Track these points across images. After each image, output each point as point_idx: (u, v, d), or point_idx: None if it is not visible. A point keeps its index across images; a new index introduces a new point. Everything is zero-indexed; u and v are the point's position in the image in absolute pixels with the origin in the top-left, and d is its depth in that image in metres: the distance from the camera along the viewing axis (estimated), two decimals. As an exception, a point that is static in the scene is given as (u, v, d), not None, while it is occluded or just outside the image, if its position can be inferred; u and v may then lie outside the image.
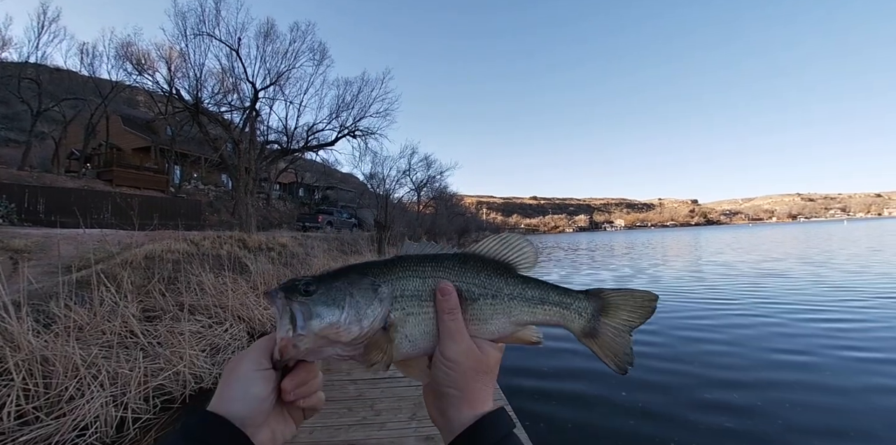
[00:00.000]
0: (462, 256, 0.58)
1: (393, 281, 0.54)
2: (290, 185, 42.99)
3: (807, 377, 4.97)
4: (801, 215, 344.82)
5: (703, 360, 5.66)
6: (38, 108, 25.42)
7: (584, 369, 5.32)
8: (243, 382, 0.49)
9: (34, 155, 27.10)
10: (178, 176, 30.97)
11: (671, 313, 8.41)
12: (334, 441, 3.05)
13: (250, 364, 0.50)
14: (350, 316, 0.51)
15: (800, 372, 5.13)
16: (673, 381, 4.96)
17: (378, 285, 0.53)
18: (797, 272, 13.76)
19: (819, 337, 6.48)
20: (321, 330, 0.49)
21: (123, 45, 19.39)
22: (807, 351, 5.85)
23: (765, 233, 59.99)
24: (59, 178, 23.27)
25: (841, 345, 6.04)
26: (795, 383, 4.80)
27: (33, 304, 5.12)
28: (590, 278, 14.77)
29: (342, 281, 0.53)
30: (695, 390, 4.69)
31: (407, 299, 0.54)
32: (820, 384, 4.74)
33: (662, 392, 4.66)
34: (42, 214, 16.15)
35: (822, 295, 9.66)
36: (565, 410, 4.30)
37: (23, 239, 7.93)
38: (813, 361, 5.48)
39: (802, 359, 5.56)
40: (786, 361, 5.53)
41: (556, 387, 4.94)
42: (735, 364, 5.50)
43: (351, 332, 0.50)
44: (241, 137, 18.07)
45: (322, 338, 0.50)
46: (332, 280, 0.53)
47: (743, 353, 5.91)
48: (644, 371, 5.26)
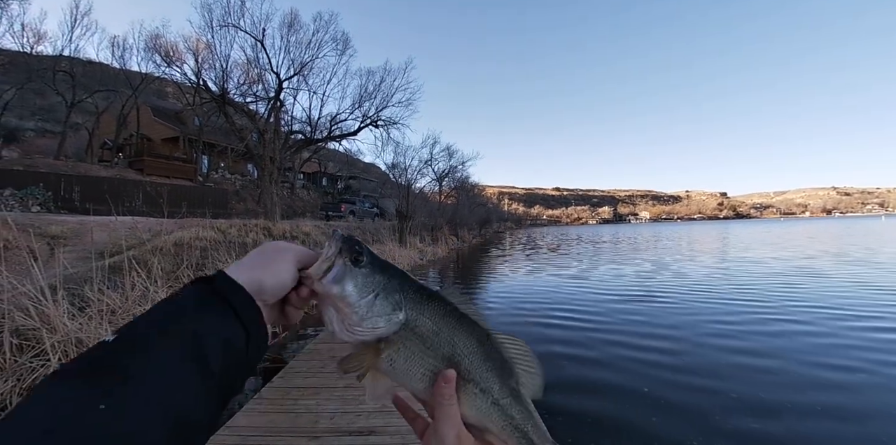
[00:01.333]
0: (486, 334, 0.56)
1: (415, 314, 0.53)
2: (314, 175, 43.51)
3: (864, 402, 4.04)
4: (836, 210, 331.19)
5: (733, 375, 4.79)
6: (72, 100, 26.27)
7: (585, 385, 4.63)
8: (284, 265, 0.53)
9: (69, 145, 28.06)
10: (206, 165, 31.67)
11: (696, 315, 7.58)
12: (353, 427, 3.09)
13: (293, 257, 0.54)
14: (362, 308, 0.51)
15: (854, 395, 4.20)
16: (694, 402, 4.16)
17: (400, 308, 0.53)
18: (837, 271, 12.55)
19: (872, 351, 5.46)
20: (335, 297, 0.52)
21: (152, 38, 19.81)
22: (861, 368, 4.88)
23: (797, 228, 56.72)
24: (92, 167, 24.06)
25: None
26: (849, 411, 3.89)
27: (69, 288, 5.32)
28: (611, 274, 14.50)
29: (382, 278, 0.54)
30: (723, 415, 3.86)
31: (413, 335, 0.53)
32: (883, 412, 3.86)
33: (681, 414, 3.91)
34: (77, 202, 16.76)
35: (869, 299, 8.52)
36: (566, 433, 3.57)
37: (59, 226, 8.24)
38: (871, 381, 4.52)
39: (857, 379, 4.58)
40: (835, 381, 4.56)
41: (558, 404, 4.15)
42: (773, 381, 4.61)
43: (351, 319, 0.51)
44: (266, 127, 18.33)
45: (331, 301, 0.52)
46: (378, 269, 0.54)
47: (782, 368, 4.97)
48: (660, 385, 4.54)
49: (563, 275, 13.70)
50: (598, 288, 10.72)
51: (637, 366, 5.11)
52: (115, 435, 0.33)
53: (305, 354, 4.92)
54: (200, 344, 0.42)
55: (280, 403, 3.53)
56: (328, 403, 3.52)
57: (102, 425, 0.33)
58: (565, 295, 9.91)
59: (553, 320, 7.47)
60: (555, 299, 9.52)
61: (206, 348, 0.42)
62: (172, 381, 0.38)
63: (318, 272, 0.52)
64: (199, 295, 0.46)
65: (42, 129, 35.99)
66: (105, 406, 0.34)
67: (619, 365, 5.18)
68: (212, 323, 0.44)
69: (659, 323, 7.03)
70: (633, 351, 5.65)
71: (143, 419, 0.35)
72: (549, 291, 10.67)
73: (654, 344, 5.92)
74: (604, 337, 6.41)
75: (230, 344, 0.45)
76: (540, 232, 75.98)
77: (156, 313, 0.44)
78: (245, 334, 0.46)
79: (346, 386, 3.88)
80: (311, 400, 3.58)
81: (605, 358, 5.44)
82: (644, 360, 5.30)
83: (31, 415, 0.33)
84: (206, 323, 0.44)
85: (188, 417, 0.38)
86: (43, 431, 0.31)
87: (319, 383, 4.00)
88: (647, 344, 5.96)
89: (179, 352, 0.40)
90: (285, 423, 3.17)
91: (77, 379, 0.36)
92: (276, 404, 3.52)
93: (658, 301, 8.85)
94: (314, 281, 0.53)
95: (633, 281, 11.97)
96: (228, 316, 0.46)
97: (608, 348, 5.84)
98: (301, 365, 4.52)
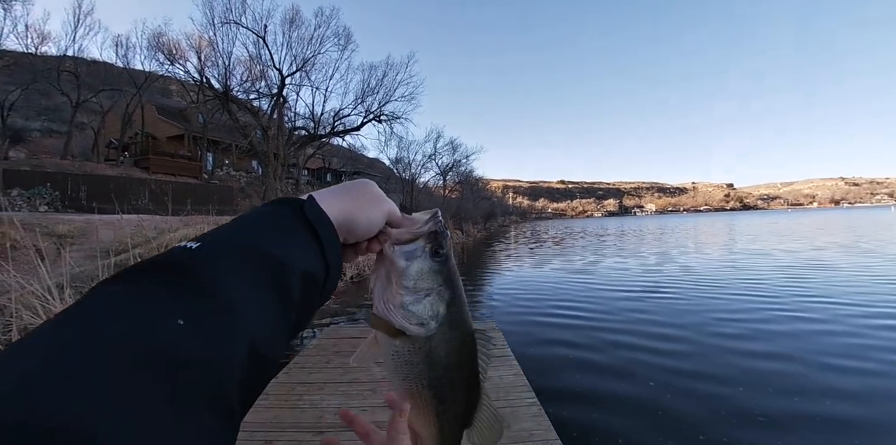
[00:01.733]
0: (477, 395, 0.59)
1: (441, 334, 0.53)
2: (318, 171, 43.53)
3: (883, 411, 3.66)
4: (845, 200, 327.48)
5: (744, 379, 4.43)
6: (77, 100, 26.40)
7: (587, 389, 4.42)
8: (378, 212, 0.51)
9: (75, 144, 28.24)
10: (211, 162, 31.80)
11: (702, 313, 7.20)
12: (358, 422, 3.10)
13: (387, 208, 0.53)
14: (408, 296, 0.51)
15: (882, 403, 3.80)
16: (701, 408, 3.85)
17: (435, 320, 0.53)
18: (849, 264, 12.00)
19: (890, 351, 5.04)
20: (396, 270, 0.51)
21: (155, 36, 19.88)
22: (887, 372, 4.46)
23: (806, 219, 56.08)
24: (99, 166, 24.23)
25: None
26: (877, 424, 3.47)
27: (76, 286, 5.38)
28: (616, 267, 14.45)
29: (443, 284, 0.53)
30: (730, 426, 3.55)
31: (424, 350, 0.53)
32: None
33: (686, 423, 3.66)
34: (84, 201, 16.89)
35: (888, 294, 8.03)
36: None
37: (66, 225, 8.32)
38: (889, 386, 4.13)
39: (886, 385, 4.20)
40: (857, 387, 4.10)
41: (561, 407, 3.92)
42: (787, 386, 4.21)
43: (394, 298, 0.51)
44: (270, 124, 18.37)
45: (391, 270, 0.52)
46: (446, 273, 0.54)
47: (796, 372, 4.55)
48: (664, 390, 4.24)
49: (568, 270, 13.71)
50: (602, 283, 10.65)
51: (642, 368, 4.90)
52: (188, 359, 0.28)
53: (310, 350, 4.94)
54: (284, 270, 0.39)
55: (285, 398, 3.56)
56: (333, 398, 3.54)
57: (178, 344, 0.28)
58: (568, 291, 9.89)
59: (555, 318, 7.33)
60: (558, 295, 9.50)
61: (289, 278, 0.39)
62: (253, 304, 0.35)
63: (400, 238, 0.52)
64: (289, 222, 0.44)
65: (48, 129, 36.22)
66: (184, 323, 0.29)
67: (624, 367, 4.96)
68: (298, 254, 0.41)
69: (664, 322, 6.80)
70: (638, 352, 5.43)
71: (224, 345, 0.31)
72: (552, 286, 10.69)
73: (659, 345, 5.70)
74: (608, 336, 6.22)
75: (311, 277, 0.42)
76: (544, 225, 75.89)
77: (241, 227, 0.41)
78: (325, 271, 0.44)
79: (351, 382, 3.90)
80: (315, 396, 3.60)
81: (609, 360, 5.23)
82: (649, 362, 5.07)
83: (92, 324, 0.27)
84: (292, 250, 0.41)
85: (265, 343, 0.35)
86: (106, 346, 0.25)
87: (324, 378, 4.02)
88: (652, 344, 5.73)
89: (264, 274, 0.37)
90: (290, 418, 3.19)
91: (155, 286, 0.31)
92: (280, 399, 3.54)
93: (663, 297, 8.66)
94: (390, 243, 0.52)
95: (638, 275, 11.89)
96: (314, 250, 0.43)
97: (612, 348, 5.64)
98: (306, 361, 4.54)
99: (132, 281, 0.31)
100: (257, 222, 0.42)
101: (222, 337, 0.31)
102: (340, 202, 0.49)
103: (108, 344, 0.25)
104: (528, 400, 3.35)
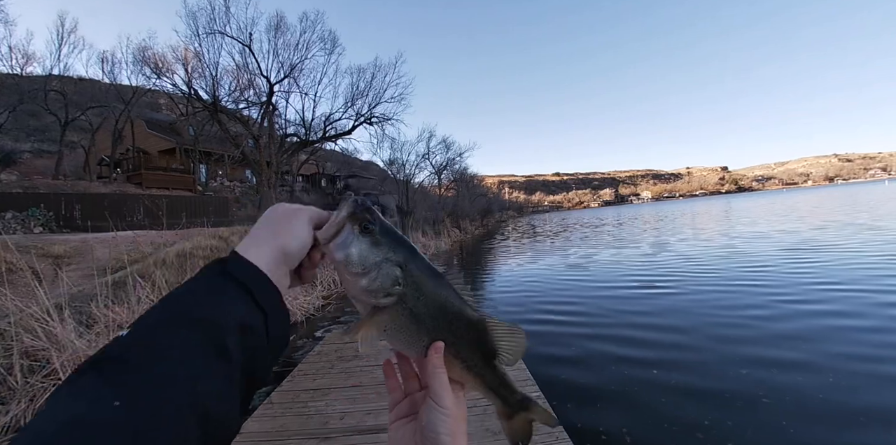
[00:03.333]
0: (477, 319, 0.58)
1: (413, 291, 0.54)
2: (313, 176, 43.48)
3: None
4: (839, 177, 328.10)
5: (765, 398, 3.65)
6: (65, 119, 26.33)
7: (580, 390, 4.16)
8: (300, 226, 0.52)
9: (66, 163, 28.16)
10: (204, 174, 31.72)
11: (706, 311, 6.32)
12: (363, 425, 3.12)
13: (307, 216, 0.53)
14: (362, 278, 0.52)
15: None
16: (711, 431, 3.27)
17: (399, 283, 0.53)
18: (857, 243, 11.16)
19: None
20: (338, 263, 0.52)
21: (140, 50, 19.67)
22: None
23: (801, 198, 55.63)
24: (91, 185, 24.16)
25: None
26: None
27: (75, 306, 5.37)
28: (611, 259, 14.44)
29: (388, 251, 0.53)
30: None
31: (407, 310, 0.54)
32: None
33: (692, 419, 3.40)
34: (79, 220, 16.83)
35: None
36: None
37: (62, 246, 8.30)
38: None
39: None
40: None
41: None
42: (816, 405, 3.46)
43: (353, 286, 0.52)
44: (261, 132, 18.31)
45: (335, 266, 0.53)
46: (385, 241, 0.54)
47: (825, 385, 3.76)
48: (663, 402, 3.80)
49: (563, 265, 13.66)
50: (596, 277, 10.51)
51: (641, 365, 4.66)
52: (135, 433, 0.30)
53: (313, 356, 4.95)
54: (215, 329, 0.39)
55: (290, 406, 3.57)
56: (337, 403, 3.55)
57: (120, 422, 0.30)
58: (562, 286, 9.86)
59: (554, 315, 7.15)
60: (552, 289, 9.50)
61: (222, 333, 0.39)
62: (189, 370, 0.36)
63: (326, 235, 0.52)
64: (212, 279, 0.44)
65: (38, 150, 36.06)
66: (119, 403, 0.31)
67: (617, 372, 4.60)
68: (226, 307, 0.41)
69: (660, 324, 6.08)
70: (634, 349, 5.18)
71: (163, 414, 0.32)
72: (549, 280, 10.71)
73: (659, 337, 5.49)
74: (602, 331, 6.01)
75: (248, 327, 0.42)
76: (542, 218, 75.85)
77: (168, 302, 0.41)
78: (263, 316, 0.44)
79: (355, 386, 3.91)
80: (320, 402, 3.61)
81: (603, 362, 4.90)
82: (643, 360, 4.81)
83: (50, 413, 0.30)
84: (220, 308, 0.41)
85: (213, 408, 0.36)
86: (56, 428, 0.29)
87: (328, 384, 4.03)
88: (648, 339, 5.49)
89: (194, 339, 0.38)
90: (295, 426, 3.21)
91: (90, 376, 0.33)
92: (285, 407, 3.55)
93: (660, 290, 8.12)
94: (323, 243, 0.53)
95: (634, 266, 11.65)
96: (244, 299, 0.43)
97: (605, 346, 5.41)
98: (309, 368, 4.55)
99: (70, 382, 0.33)
100: (185, 292, 0.43)
101: (162, 408, 0.32)
102: (263, 238, 0.50)
103: (60, 426, 0.29)
104: (532, 394, 3.35)
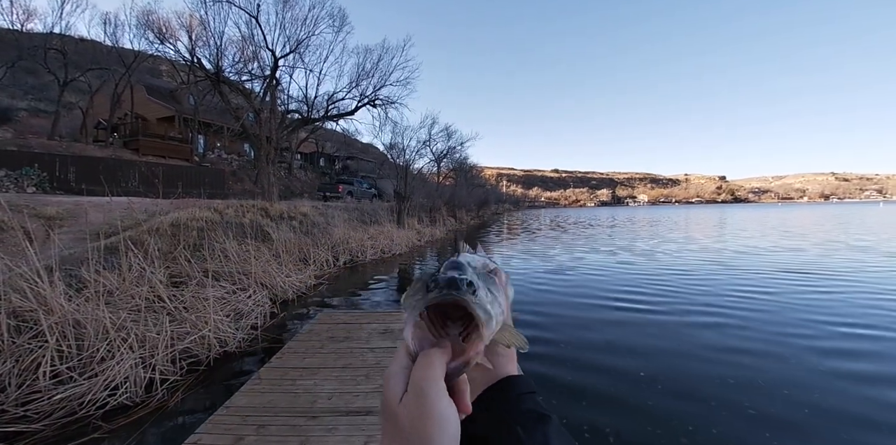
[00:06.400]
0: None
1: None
2: (311, 155, 43.12)
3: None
4: (835, 195, 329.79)
5: (751, 410, 3.54)
6: (64, 79, 25.72)
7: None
8: (447, 421, 0.38)
9: (63, 125, 27.62)
10: (202, 145, 31.30)
11: (701, 336, 5.46)
12: (351, 407, 3.12)
13: (443, 393, 0.39)
14: (499, 315, 0.48)
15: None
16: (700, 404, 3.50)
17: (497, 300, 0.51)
18: (875, 265, 10.52)
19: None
20: (482, 352, 0.45)
21: (144, 14, 19.19)
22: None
23: (797, 213, 55.67)
24: (87, 148, 23.78)
25: None
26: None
27: (65, 269, 5.31)
28: (607, 262, 14.49)
29: (498, 296, 0.51)
30: None
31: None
32: None
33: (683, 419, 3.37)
34: (73, 183, 16.61)
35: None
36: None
37: (55, 207, 8.16)
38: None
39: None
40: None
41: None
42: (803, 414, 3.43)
43: (492, 346, 0.53)
44: (262, 106, 18.02)
45: (475, 358, 0.44)
46: (492, 293, 0.49)
47: (811, 387, 3.80)
48: (650, 404, 3.70)
49: (555, 266, 13.72)
50: (591, 280, 10.49)
51: (639, 362, 4.64)
52: None
53: (303, 335, 4.94)
54: None
55: (278, 383, 3.56)
56: (326, 383, 3.55)
57: None
58: (565, 282, 9.90)
59: (552, 315, 6.95)
60: (553, 285, 9.53)
61: None
62: None
63: (455, 369, 0.43)
64: None
65: (35, 109, 35.36)
66: None
67: (620, 360, 4.74)
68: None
69: (649, 346, 5.17)
70: (635, 346, 5.35)
71: None
72: (546, 278, 10.69)
73: (641, 341, 5.60)
74: (605, 328, 6.13)
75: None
76: (537, 214, 75.75)
77: None
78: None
79: (344, 367, 3.91)
80: (308, 381, 3.61)
81: (605, 354, 5.14)
82: (642, 356, 4.98)
83: None
84: None
85: None
86: None
87: (317, 363, 4.02)
88: (636, 337, 5.68)
89: None
90: (284, 403, 3.20)
91: None
92: (274, 384, 3.55)
93: (649, 306, 7.05)
94: (453, 369, 0.43)
95: (626, 272, 11.67)
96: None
97: (612, 343, 5.49)
98: (299, 346, 4.54)
99: None
100: None
101: None
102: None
103: None
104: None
